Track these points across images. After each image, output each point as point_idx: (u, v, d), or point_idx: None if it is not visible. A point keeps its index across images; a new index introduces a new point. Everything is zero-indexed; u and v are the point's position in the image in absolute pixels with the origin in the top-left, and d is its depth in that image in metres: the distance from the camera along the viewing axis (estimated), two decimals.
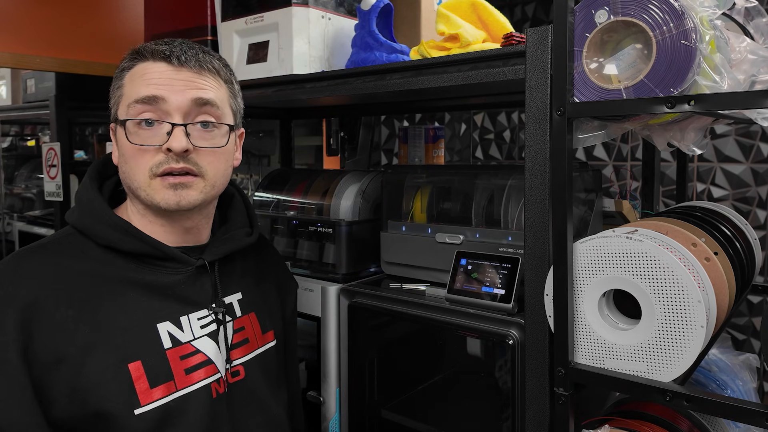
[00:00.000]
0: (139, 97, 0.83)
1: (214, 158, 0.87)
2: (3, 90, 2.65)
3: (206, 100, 0.86)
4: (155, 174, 0.83)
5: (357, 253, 1.27)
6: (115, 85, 0.88)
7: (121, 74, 0.88)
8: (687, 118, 0.92)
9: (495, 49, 0.94)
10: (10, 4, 1.90)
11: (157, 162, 0.83)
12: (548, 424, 0.90)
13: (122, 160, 0.87)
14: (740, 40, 0.91)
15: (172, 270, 0.88)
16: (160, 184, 0.84)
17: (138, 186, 0.85)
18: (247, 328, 0.97)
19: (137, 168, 0.84)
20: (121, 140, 0.85)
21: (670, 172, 2.44)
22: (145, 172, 0.84)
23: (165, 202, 0.84)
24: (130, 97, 0.85)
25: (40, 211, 2.53)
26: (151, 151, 0.83)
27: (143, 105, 0.83)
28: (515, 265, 1.01)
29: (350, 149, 2.96)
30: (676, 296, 0.78)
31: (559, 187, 0.85)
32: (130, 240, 0.85)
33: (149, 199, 0.85)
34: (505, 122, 2.98)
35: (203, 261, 0.91)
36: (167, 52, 0.85)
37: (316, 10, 1.21)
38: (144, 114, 0.83)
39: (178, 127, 0.83)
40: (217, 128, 0.88)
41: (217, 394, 0.88)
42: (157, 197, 0.84)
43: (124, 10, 2.15)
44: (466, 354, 1.03)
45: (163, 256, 0.87)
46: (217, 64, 0.90)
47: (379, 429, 1.16)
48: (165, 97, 0.83)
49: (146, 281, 0.86)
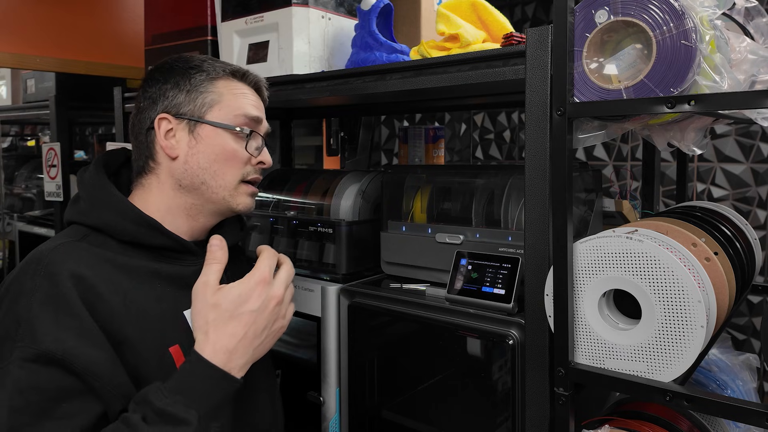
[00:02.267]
0: (249, 114, 0.94)
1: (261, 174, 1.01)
2: (3, 90, 2.65)
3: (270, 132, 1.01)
4: (244, 179, 0.94)
5: (357, 253, 1.27)
6: (197, 88, 0.93)
7: (210, 79, 0.94)
8: (687, 118, 0.92)
9: (495, 49, 0.94)
10: (10, 4, 1.90)
11: (248, 170, 0.95)
12: (548, 424, 0.90)
13: (207, 159, 0.92)
14: (740, 40, 0.92)
15: (189, 262, 0.93)
16: (245, 190, 0.95)
17: (222, 185, 0.93)
18: None
19: (231, 170, 0.93)
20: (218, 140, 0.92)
21: (670, 172, 2.44)
22: (237, 176, 0.93)
23: (244, 205, 0.95)
24: (236, 108, 0.93)
25: (40, 211, 2.53)
26: (247, 157, 0.94)
27: (249, 120, 0.94)
28: (515, 265, 1.01)
29: (350, 149, 2.96)
30: (676, 296, 0.78)
31: (559, 187, 0.85)
32: (155, 234, 0.89)
33: (228, 200, 0.94)
34: (505, 122, 2.98)
35: None
36: (261, 86, 1.00)
37: (316, 10, 1.21)
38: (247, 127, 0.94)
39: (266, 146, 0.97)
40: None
41: None
42: (239, 200, 0.94)
43: (124, 10, 2.15)
44: (466, 354, 1.03)
45: (182, 249, 0.92)
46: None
47: (380, 429, 1.16)
48: (263, 120, 0.98)
49: (168, 272, 0.90)
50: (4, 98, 2.64)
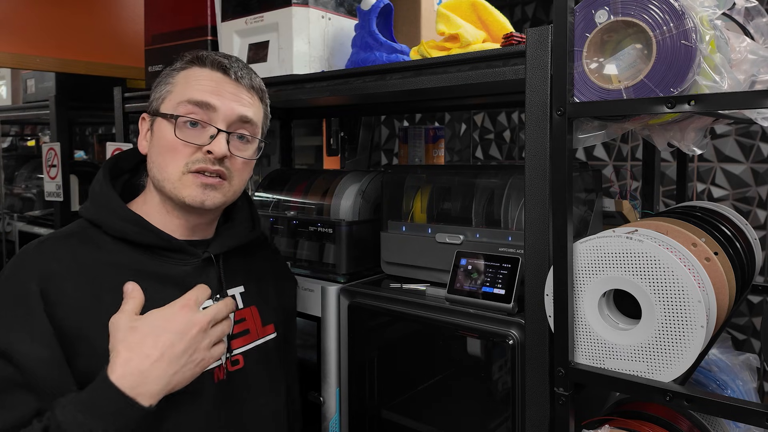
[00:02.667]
0: (194, 99, 0.89)
1: (243, 168, 0.94)
2: (3, 90, 2.65)
3: (249, 118, 0.93)
4: (189, 170, 0.89)
5: (357, 253, 1.27)
6: (162, 81, 0.94)
7: (173, 73, 0.93)
8: (687, 118, 0.92)
9: (495, 49, 0.94)
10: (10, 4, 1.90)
11: (194, 159, 0.89)
12: (548, 424, 0.90)
13: (155, 152, 0.91)
14: (740, 40, 0.92)
15: (180, 261, 0.93)
16: (192, 181, 0.89)
17: (166, 178, 0.89)
18: (248, 320, 1.01)
19: (173, 161, 0.89)
20: (162, 132, 0.90)
21: (670, 172, 2.44)
22: (179, 167, 0.89)
23: (191, 198, 0.89)
24: (182, 95, 0.90)
25: (40, 211, 2.53)
26: (191, 148, 0.89)
27: (194, 107, 0.89)
28: (515, 265, 1.01)
29: (350, 149, 2.96)
30: (676, 296, 0.78)
31: (559, 187, 0.85)
32: (142, 232, 0.90)
33: (175, 192, 0.89)
34: (505, 122, 2.98)
35: (209, 254, 0.95)
36: (227, 66, 0.92)
37: (316, 10, 1.21)
38: (193, 115, 0.89)
39: (222, 133, 0.90)
40: (251, 143, 0.95)
41: (218, 380, 0.93)
42: (185, 192, 0.89)
43: (124, 10, 2.15)
44: (466, 354, 1.03)
45: (172, 248, 0.92)
46: (263, 87, 0.98)
47: (379, 429, 1.16)
48: (217, 106, 0.90)
49: (156, 271, 0.90)
50: (4, 98, 2.64)
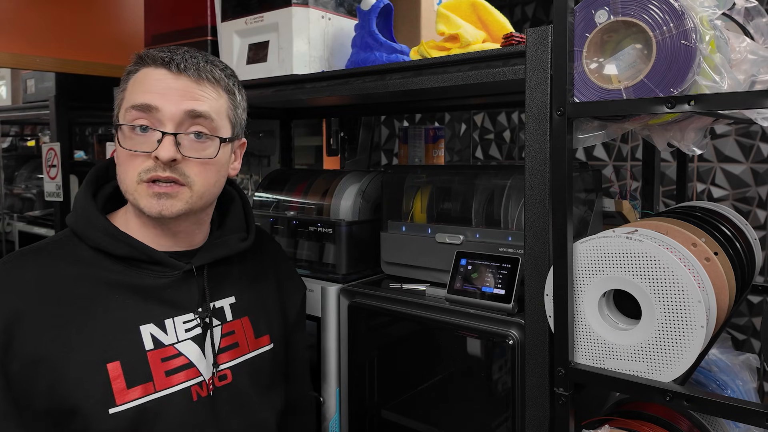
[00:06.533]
0: (135, 104, 0.85)
1: (203, 169, 0.87)
2: (3, 90, 2.64)
3: (200, 113, 0.86)
4: (142, 180, 0.84)
5: (357, 253, 1.27)
6: (119, 89, 0.90)
7: (127, 77, 0.89)
8: (687, 118, 0.92)
9: (495, 49, 0.94)
10: (10, 5, 1.90)
11: (145, 168, 0.84)
12: (548, 424, 0.90)
13: (117, 162, 0.89)
14: (740, 40, 0.91)
15: (159, 273, 0.89)
16: (146, 191, 0.85)
17: (126, 189, 0.87)
18: (238, 333, 0.97)
19: (127, 172, 0.86)
20: (117, 143, 0.87)
21: (670, 172, 2.44)
22: (133, 177, 0.85)
23: (148, 209, 0.85)
24: (128, 101, 0.86)
25: (40, 212, 2.53)
26: (141, 156, 0.84)
27: (138, 112, 0.84)
28: (515, 265, 1.01)
29: (350, 149, 2.96)
30: (676, 296, 0.78)
31: (559, 187, 0.85)
32: (117, 244, 0.87)
33: (135, 203, 0.86)
34: (505, 122, 2.98)
35: (191, 266, 0.91)
36: (167, 59, 0.85)
37: (316, 11, 1.21)
38: (138, 120, 0.85)
39: (168, 136, 0.84)
40: (210, 140, 0.88)
41: (198, 397, 0.89)
42: (142, 202, 0.85)
43: (124, 10, 2.15)
44: (466, 354, 1.03)
45: (150, 260, 0.89)
46: (218, 74, 0.89)
47: (379, 429, 1.16)
48: (159, 106, 0.84)
49: (133, 284, 0.87)
50: (4, 98, 2.63)
